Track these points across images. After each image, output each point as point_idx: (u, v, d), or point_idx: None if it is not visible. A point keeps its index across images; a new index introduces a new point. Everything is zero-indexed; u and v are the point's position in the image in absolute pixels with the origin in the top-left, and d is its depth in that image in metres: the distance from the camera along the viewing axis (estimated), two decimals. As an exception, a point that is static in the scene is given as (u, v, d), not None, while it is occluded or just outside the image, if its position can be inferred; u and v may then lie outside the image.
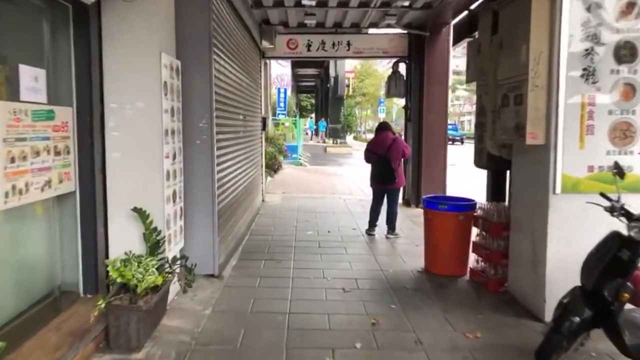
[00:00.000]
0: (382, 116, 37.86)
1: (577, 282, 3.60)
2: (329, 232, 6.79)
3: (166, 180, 3.75)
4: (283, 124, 23.39)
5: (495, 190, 5.21)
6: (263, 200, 9.29)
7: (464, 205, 4.90)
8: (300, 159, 19.57)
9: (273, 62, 31.03)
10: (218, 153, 4.71)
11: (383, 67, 64.13)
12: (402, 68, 9.25)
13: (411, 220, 7.67)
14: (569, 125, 3.58)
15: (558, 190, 3.60)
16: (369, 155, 6.54)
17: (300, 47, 9.28)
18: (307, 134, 48.86)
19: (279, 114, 25.95)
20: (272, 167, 10.43)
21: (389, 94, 9.16)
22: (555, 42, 3.57)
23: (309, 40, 9.24)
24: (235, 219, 5.77)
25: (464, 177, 13.28)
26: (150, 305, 2.99)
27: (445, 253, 4.93)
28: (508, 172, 4.91)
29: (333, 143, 30.37)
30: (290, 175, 14.47)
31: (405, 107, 9.33)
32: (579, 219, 3.62)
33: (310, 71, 45.49)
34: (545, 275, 3.67)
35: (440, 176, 8.93)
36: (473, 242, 4.84)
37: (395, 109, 50.70)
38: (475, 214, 4.83)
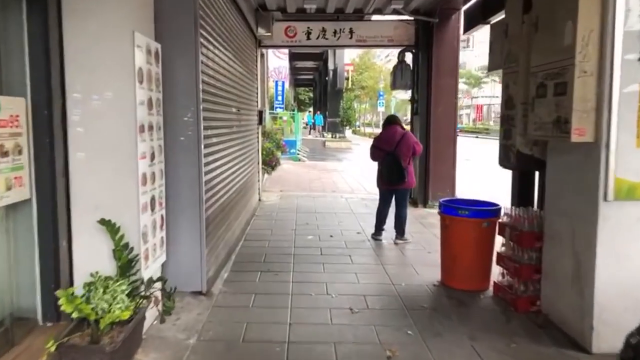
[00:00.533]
0: (381, 109, 37.19)
1: (636, 308, 3.04)
2: (331, 236, 6.20)
3: (142, 185, 3.15)
4: (281, 117, 22.75)
5: (522, 193, 4.62)
6: (260, 200, 8.69)
7: (488, 211, 4.30)
8: (298, 154, 18.96)
9: (270, 54, 30.39)
10: (206, 151, 4.10)
11: (381, 61, 63.41)
12: (409, 58, 8.63)
13: (420, 223, 7.09)
14: (625, 118, 2.98)
15: (610, 197, 3.01)
16: (376, 152, 5.94)
17: (299, 35, 8.64)
18: (305, 127, 48.28)
19: (276, 107, 25.31)
20: (270, 164, 9.81)
21: (394, 86, 8.55)
22: (608, 19, 2.97)
23: (308, 27, 8.60)
24: (228, 224, 5.17)
25: (479, 175, 12.74)
26: (115, 345, 2.40)
27: (465, 265, 4.35)
28: (537, 172, 4.33)
29: (332, 137, 29.75)
30: (289, 171, 13.87)
31: (412, 100, 8.72)
32: (636, 231, 3.04)
33: (309, 64, 44.79)
34: (593, 297, 3.09)
35: (450, 174, 8.35)
36: (497, 253, 4.25)
37: (394, 102, 50.07)
38: (500, 220, 4.24)
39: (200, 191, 3.90)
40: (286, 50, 30.20)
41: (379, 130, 6.61)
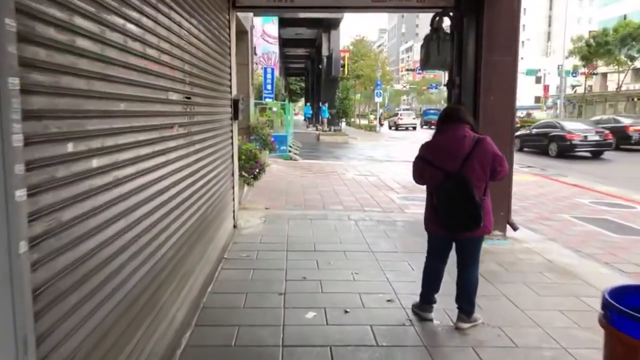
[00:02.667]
0: (378, 100, 34.52)
1: None
2: (346, 312, 3.69)
3: None
4: (270, 108, 20.09)
5: None
6: (235, 227, 6.15)
7: None
8: (289, 151, 16.41)
9: (258, 37, 27.60)
10: (63, 173, 1.58)
11: (378, 48, 60.75)
12: (448, 25, 6.12)
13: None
14: None
15: None
16: (425, 171, 3.41)
17: (291, -10, 6.07)
18: (304, 120, 45.31)
19: (265, 97, 22.63)
20: (251, 172, 7.25)
21: (426, 64, 6.01)
22: None
23: (304, -20, 6.05)
24: (140, 318, 2.63)
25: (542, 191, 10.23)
26: None
27: None
28: None
29: (327, 131, 27.17)
30: (278, 175, 11.32)
31: (450, 84, 6.21)
32: None
33: (300, 51, 42.03)
34: None
35: (504, 191, 5.85)
36: None
37: (388, 91, 47.45)
38: None
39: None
40: (276, 35, 27.53)
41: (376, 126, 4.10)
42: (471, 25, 5.80)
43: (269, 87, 23.29)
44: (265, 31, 26.84)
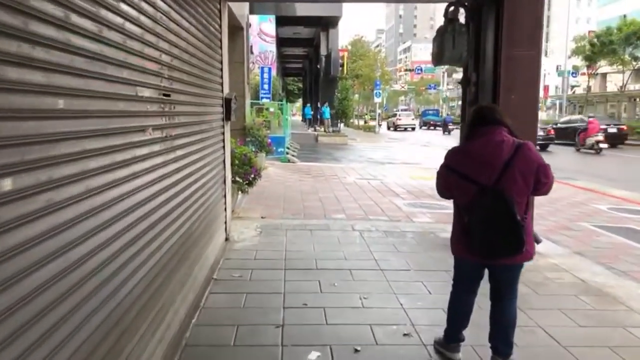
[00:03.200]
0: (378, 101, 33.92)
1: None
2: (356, 350, 3.08)
3: None
4: (267, 109, 19.49)
5: None
6: (227, 239, 5.54)
7: None
8: (287, 153, 15.81)
9: (255, 36, 27.03)
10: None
11: (376, 49, 60.20)
12: (463, 17, 5.53)
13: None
14: None
15: None
16: (455, 184, 2.79)
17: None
18: (302, 121, 44.47)
19: (262, 97, 22.03)
20: (246, 178, 6.64)
21: (440, 59, 5.40)
22: None
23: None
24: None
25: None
26: None
27: None
28: None
29: (325, 132, 26.58)
30: (275, 179, 10.71)
31: (465, 82, 5.62)
32: None
33: (298, 51, 41.47)
34: None
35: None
36: None
37: (386, 92, 46.84)
38: None
39: None
40: (273, 34, 26.94)
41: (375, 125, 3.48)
42: (490, 15, 5.21)
43: (266, 86, 22.70)
44: (262, 30, 26.25)
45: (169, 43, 3.09)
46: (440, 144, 25.83)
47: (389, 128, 43.80)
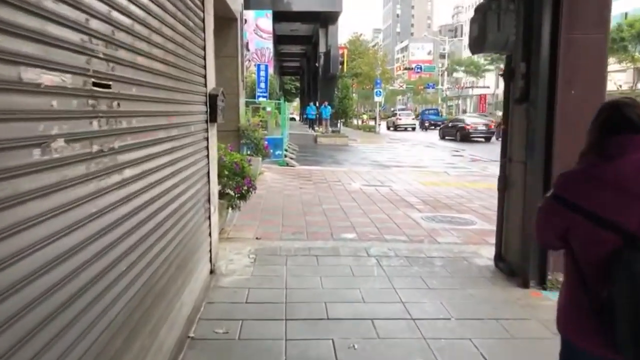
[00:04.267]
0: (378, 100, 32.77)
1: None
2: None
3: None
4: (264, 108, 18.37)
5: None
6: (212, 272, 4.41)
7: None
8: (285, 156, 14.68)
9: (251, 32, 25.90)
10: None
11: (373, 48, 59.08)
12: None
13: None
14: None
15: None
16: (577, 230, 1.66)
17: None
18: (300, 120, 43.22)
19: (259, 96, 20.91)
20: (238, 191, 5.51)
21: (481, 45, 4.27)
22: None
23: None
24: None
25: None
26: None
27: None
28: None
29: (324, 132, 25.46)
30: (273, 187, 9.59)
31: (507, 73, 4.51)
32: None
33: (295, 49, 40.32)
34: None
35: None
36: None
37: (385, 91, 45.70)
38: None
39: None
40: (270, 30, 25.79)
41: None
42: (544, -10, 4.12)
43: (262, 85, 21.57)
44: (258, 26, 25.11)
45: (110, 5, 1.98)
46: (444, 145, 24.76)
47: (388, 128, 42.75)
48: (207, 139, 4.24)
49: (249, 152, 10.93)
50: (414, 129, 40.73)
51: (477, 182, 11.21)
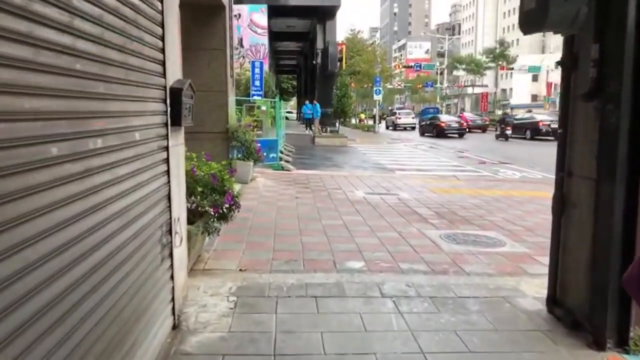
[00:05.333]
0: (377, 98, 31.75)
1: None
2: None
3: None
4: (259, 107, 17.26)
5: None
6: (175, 327, 3.27)
7: None
8: (281, 158, 13.55)
9: (245, 28, 24.73)
10: None
11: (372, 46, 57.94)
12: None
13: None
14: None
15: None
16: None
17: None
18: (297, 120, 41.92)
19: (253, 94, 19.75)
20: (216, 211, 4.37)
21: (541, 20, 3.13)
22: None
23: None
24: None
25: None
26: None
27: None
28: None
29: (322, 132, 24.32)
30: (265, 196, 8.46)
31: (568, 60, 3.39)
32: None
33: (292, 46, 39.15)
34: None
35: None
36: None
37: (383, 89, 44.55)
38: None
39: None
40: (265, 25, 24.64)
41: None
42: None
43: (257, 83, 20.40)
44: (253, 20, 23.96)
45: None
46: (448, 146, 23.69)
47: (387, 127, 41.72)
48: (166, 149, 3.11)
49: (239, 156, 9.81)
50: (413, 128, 39.69)
51: (492, 189, 10.12)
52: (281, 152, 14.63)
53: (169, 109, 3.15)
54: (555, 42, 66.88)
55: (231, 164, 9.36)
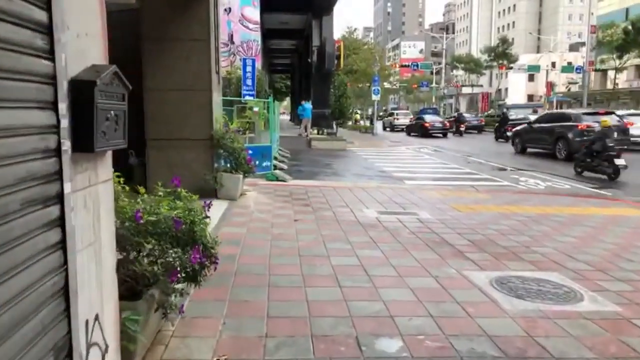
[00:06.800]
0: (376, 98, 30.26)
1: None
2: None
3: None
4: (250, 108, 15.71)
5: None
6: None
7: None
8: (275, 166, 12.00)
9: (236, 23, 23.08)
10: None
11: (365, 46, 56.59)
12: None
13: None
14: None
15: None
16: None
17: None
18: (296, 124, 40.35)
19: (245, 94, 18.13)
20: (174, 279, 2.80)
21: None
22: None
23: None
24: None
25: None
26: None
27: None
28: None
29: (319, 134, 22.79)
30: (256, 219, 6.90)
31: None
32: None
33: (285, 44, 37.50)
34: None
35: None
36: None
37: (381, 89, 43.20)
38: None
39: None
40: (257, 20, 23.06)
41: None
42: None
43: (249, 82, 18.79)
44: (244, 15, 22.36)
45: None
46: (451, 148, 22.29)
47: (385, 128, 40.36)
48: (58, 198, 1.57)
49: (227, 167, 8.28)
50: (412, 129, 38.39)
51: (520, 204, 8.66)
52: (275, 159, 13.11)
53: (66, 120, 1.62)
54: (553, 42, 65.88)
55: (216, 178, 7.83)
